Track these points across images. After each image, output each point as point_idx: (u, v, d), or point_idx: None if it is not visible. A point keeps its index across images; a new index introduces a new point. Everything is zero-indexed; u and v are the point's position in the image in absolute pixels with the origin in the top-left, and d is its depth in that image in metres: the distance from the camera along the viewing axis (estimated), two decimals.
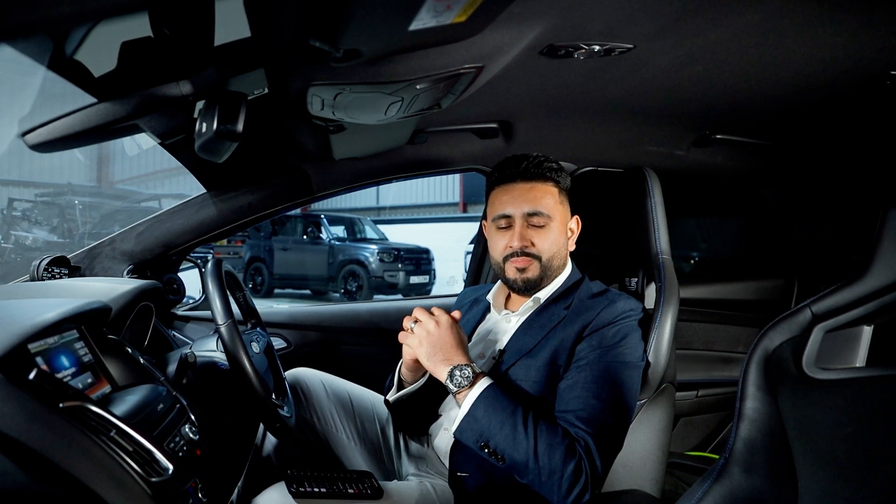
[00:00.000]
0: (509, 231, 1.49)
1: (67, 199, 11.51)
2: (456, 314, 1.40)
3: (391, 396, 1.53)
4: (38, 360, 1.00)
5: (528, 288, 1.50)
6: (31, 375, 0.90)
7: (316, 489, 1.28)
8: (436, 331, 1.34)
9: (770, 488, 0.93)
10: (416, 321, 1.38)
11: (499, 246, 1.51)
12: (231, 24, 1.08)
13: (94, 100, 1.15)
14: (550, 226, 1.48)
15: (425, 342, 1.34)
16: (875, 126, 1.85)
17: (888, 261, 0.91)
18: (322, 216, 11.93)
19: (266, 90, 1.31)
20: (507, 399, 1.29)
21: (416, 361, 1.39)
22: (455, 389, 1.30)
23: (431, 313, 1.37)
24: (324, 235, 11.45)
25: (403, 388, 1.51)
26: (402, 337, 1.39)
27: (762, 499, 0.93)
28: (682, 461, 2.16)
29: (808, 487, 0.90)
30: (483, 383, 1.30)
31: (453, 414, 1.49)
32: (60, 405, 0.91)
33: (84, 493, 0.86)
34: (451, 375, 1.30)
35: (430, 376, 1.41)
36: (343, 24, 0.92)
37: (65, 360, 1.08)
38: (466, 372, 1.30)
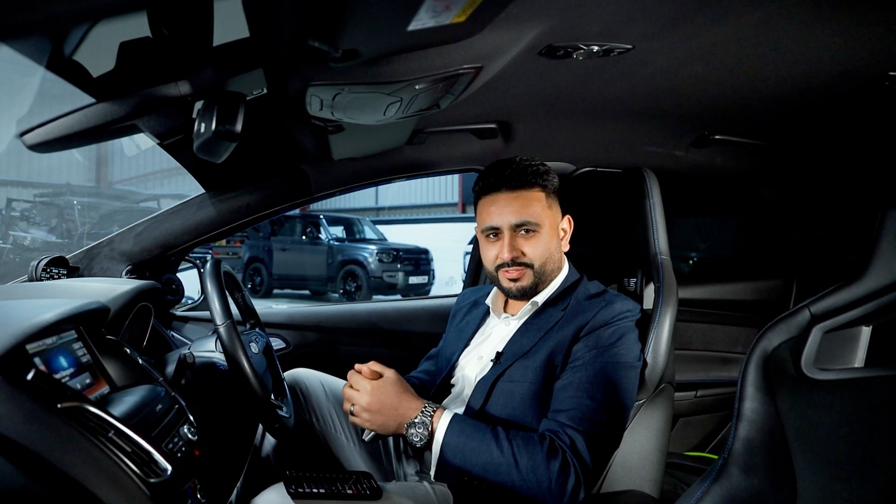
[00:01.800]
0: (499, 242, 1.47)
1: (66, 199, 11.49)
2: (364, 370, 1.37)
3: (367, 437, 1.51)
4: (37, 360, 1.00)
5: (524, 295, 1.50)
6: (29, 376, 0.90)
7: (315, 490, 1.28)
8: (370, 405, 1.32)
9: (769, 489, 0.93)
10: (352, 405, 1.35)
11: (489, 256, 1.50)
12: (230, 24, 1.08)
13: (92, 100, 1.14)
14: (540, 233, 1.46)
15: (374, 417, 1.32)
16: (873, 127, 1.85)
17: (887, 261, 0.91)
18: (321, 216, 11.91)
19: (265, 90, 1.30)
20: (473, 425, 1.29)
21: None
22: (419, 445, 1.30)
23: (356, 388, 1.35)
24: (323, 236, 11.44)
25: None
26: (356, 422, 1.37)
27: (761, 499, 0.93)
28: (681, 461, 2.16)
29: (806, 488, 0.90)
30: (443, 423, 1.29)
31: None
32: (58, 406, 0.90)
33: (82, 493, 0.86)
34: (408, 432, 1.30)
35: None
36: (342, 24, 0.92)
37: (63, 361, 1.08)
38: (420, 428, 1.29)
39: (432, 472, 1.30)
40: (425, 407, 1.32)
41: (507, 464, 1.22)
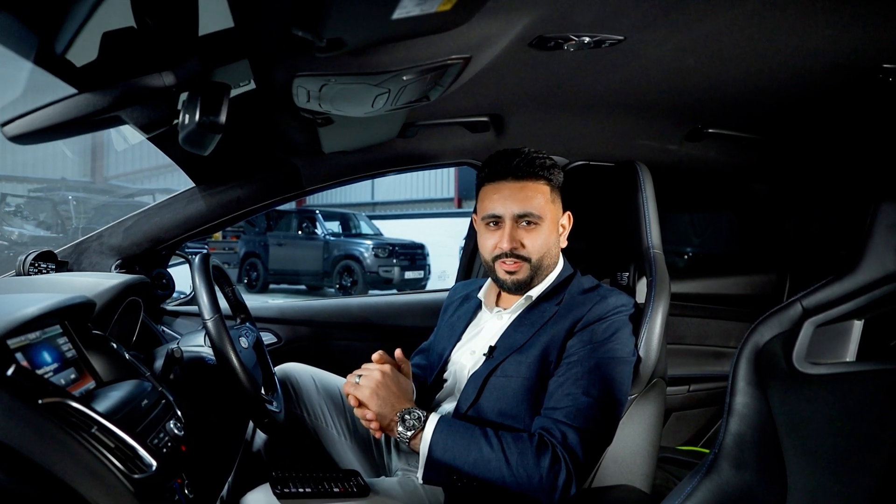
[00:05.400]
0: (499, 231, 1.46)
1: (61, 194, 11.46)
2: (398, 354, 1.41)
3: None
4: (18, 356, 0.99)
5: (519, 288, 1.49)
6: (10, 371, 0.89)
7: (301, 489, 1.27)
8: (383, 379, 1.33)
9: (760, 483, 0.92)
10: (359, 376, 1.36)
11: (488, 245, 1.49)
12: (214, 14, 1.06)
13: (74, 90, 1.13)
14: (541, 226, 1.45)
15: (375, 393, 1.32)
16: (867, 120, 1.84)
17: (879, 255, 0.91)
18: (317, 211, 11.91)
19: (251, 82, 1.29)
20: (461, 424, 1.29)
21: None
22: (408, 435, 1.29)
23: (367, 372, 1.36)
24: (319, 231, 11.43)
25: None
26: (349, 389, 1.36)
27: (752, 494, 0.92)
28: (674, 456, 2.16)
29: (797, 482, 0.89)
30: (432, 420, 1.29)
31: (443, 410, 1.48)
32: (40, 402, 0.89)
33: (64, 491, 0.85)
34: (402, 420, 1.29)
35: None
36: (326, 12, 0.90)
37: (46, 356, 1.07)
38: (416, 413, 1.30)
39: (420, 475, 1.29)
40: (416, 407, 1.34)
41: (497, 460, 1.22)
